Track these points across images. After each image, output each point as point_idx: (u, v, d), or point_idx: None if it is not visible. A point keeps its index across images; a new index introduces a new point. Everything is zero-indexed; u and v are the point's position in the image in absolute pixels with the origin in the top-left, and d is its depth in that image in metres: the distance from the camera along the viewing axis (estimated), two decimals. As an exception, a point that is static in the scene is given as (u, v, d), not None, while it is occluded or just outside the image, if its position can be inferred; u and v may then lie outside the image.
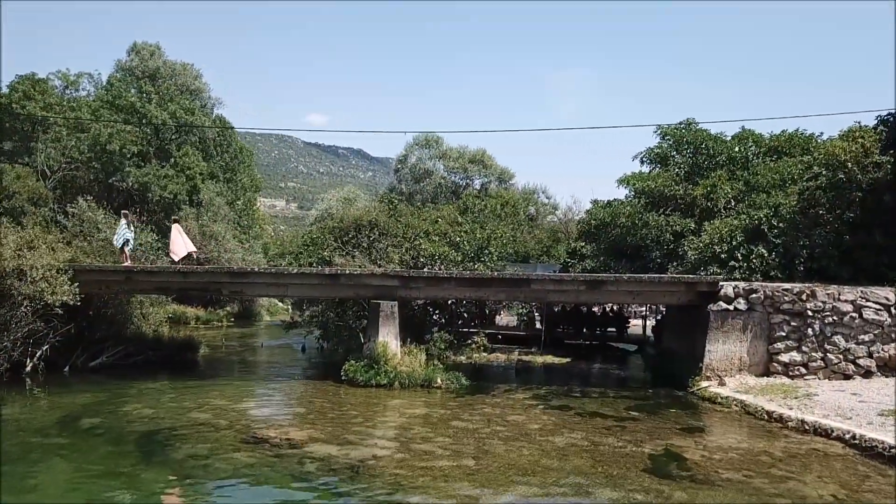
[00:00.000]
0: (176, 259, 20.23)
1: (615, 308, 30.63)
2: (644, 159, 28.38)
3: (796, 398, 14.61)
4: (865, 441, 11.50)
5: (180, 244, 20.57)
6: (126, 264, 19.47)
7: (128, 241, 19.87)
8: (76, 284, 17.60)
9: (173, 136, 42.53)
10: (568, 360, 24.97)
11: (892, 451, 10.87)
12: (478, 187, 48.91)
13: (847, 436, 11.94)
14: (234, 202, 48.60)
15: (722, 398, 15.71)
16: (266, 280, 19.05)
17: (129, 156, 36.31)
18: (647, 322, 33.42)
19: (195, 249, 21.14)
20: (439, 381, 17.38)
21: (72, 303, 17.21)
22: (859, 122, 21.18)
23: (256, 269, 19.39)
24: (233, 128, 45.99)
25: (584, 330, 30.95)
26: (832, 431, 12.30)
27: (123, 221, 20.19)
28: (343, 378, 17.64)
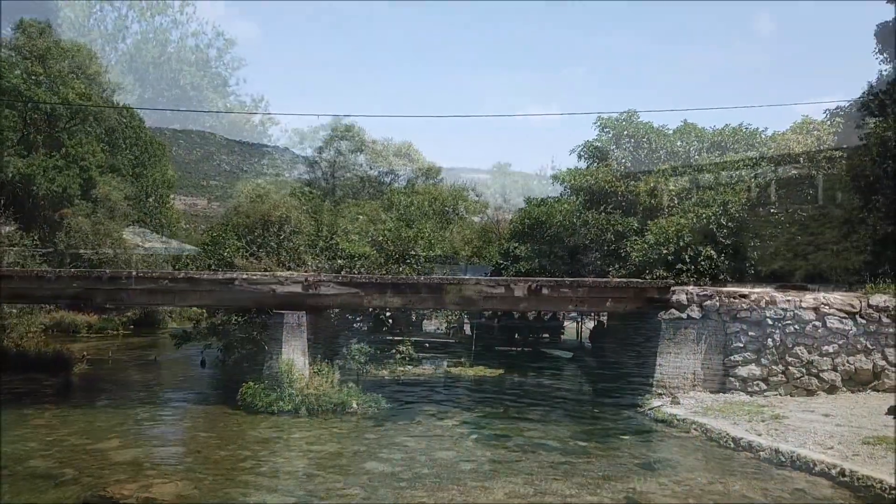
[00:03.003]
0: None
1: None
2: (581, 154, 26.48)
3: (763, 421, 12.79)
4: (858, 479, 9.68)
5: None
6: None
7: None
8: None
9: (66, 125, 38.24)
10: (500, 371, 22.83)
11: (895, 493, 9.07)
12: (403, 182, 46.19)
13: (834, 471, 10.11)
14: (143, 199, 44.41)
15: (679, 420, 13.76)
16: (147, 286, 15.96)
17: (8, 144, 32.05)
18: (582, 326, 31.72)
19: None
20: (355, 405, 14.77)
21: None
22: (807, 115, 20.04)
23: (134, 274, 16.31)
24: (131, 107, 41.72)
25: (517, 336, 29.00)
26: (814, 465, 10.45)
27: None
28: (239, 403, 14.83)
